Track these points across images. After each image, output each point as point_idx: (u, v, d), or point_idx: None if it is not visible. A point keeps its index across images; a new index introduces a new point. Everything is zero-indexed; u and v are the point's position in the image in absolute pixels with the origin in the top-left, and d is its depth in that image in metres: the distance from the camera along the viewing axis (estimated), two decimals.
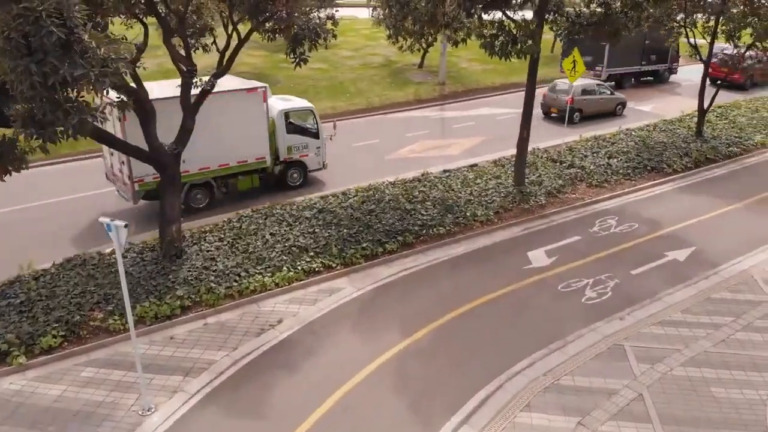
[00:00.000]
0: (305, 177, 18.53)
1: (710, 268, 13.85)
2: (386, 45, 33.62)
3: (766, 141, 23.08)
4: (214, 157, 15.83)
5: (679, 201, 17.84)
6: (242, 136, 16.15)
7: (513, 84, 32.45)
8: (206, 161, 15.74)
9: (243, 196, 17.21)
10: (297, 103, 18.42)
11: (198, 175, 15.80)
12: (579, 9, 16.91)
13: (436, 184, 18.12)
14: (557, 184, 18.21)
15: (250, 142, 16.42)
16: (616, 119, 26.84)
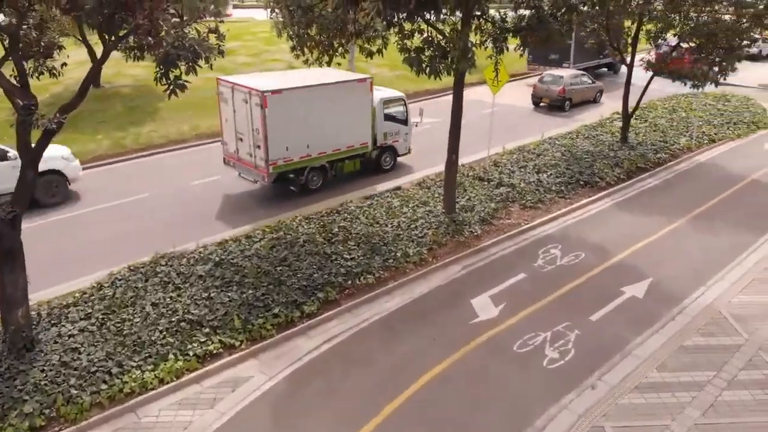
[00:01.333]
0: (395, 161, 19.77)
1: (674, 305, 12.29)
2: (288, 49, 30.72)
3: (690, 144, 22.45)
4: (329, 142, 17.01)
5: (620, 220, 16.40)
6: (351, 123, 17.47)
7: (427, 91, 30.57)
8: (323, 147, 17.03)
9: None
10: (391, 93, 19.95)
11: (316, 159, 17.06)
12: (505, 13, 14.96)
13: (358, 215, 15.64)
14: (490, 209, 16.25)
15: (357, 128, 17.72)
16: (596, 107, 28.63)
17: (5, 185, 13.98)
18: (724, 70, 18.72)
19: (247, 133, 16.12)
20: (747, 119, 25.80)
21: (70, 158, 17.12)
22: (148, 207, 16.80)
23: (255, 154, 16.13)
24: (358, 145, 18.02)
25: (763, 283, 13.12)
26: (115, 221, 15.79)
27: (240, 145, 16.63)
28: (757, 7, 17.82)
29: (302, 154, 16.53)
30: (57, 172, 16.61)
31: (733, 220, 16.37)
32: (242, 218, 15.97)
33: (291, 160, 16.39)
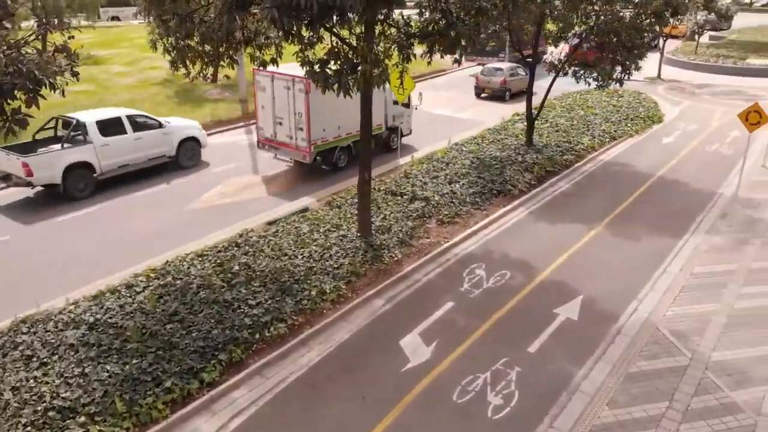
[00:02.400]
0: (400, 141, 21.62)
1: (610, 324, 11.56)
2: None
3: (593, 143, 22.43)
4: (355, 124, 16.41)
5: (539, 231, 15.68)
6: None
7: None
8: (351, 128, 18.59)
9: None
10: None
11: (344, 139, 19.07)
12: (408, 17, 13.67)
13: (262, 247, 13.78)
14: (407, 228, 14.97)
15: (375, 112, 17.28)
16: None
17: (160, 149, 19.19)
18: (628, 69, 18.61)
19: (287, 118, 18.24)
20: (642, 114, 26.42)
21: (201, 128, 21.01)
22: (11, 252, 14.03)
23: (296, 136, 18.21)
24: (375, 126, 18.78)
25: (692, 290, 12.75)
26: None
27: (278, 129, 18.73)
28: (656, 4, 17.77)
29: (335, 135, 18.73)
30: (194, 139, 20.27)
31: (649, 223, 16.16)
32: (121, 261, 13.62)
33: (326, 140, 18.61)
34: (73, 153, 17.06)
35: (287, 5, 8.33)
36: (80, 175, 17.28)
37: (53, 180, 16.81)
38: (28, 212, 16.56)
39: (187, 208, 16.91)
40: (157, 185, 18.64)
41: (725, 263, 13.91)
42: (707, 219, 16.45)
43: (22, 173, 16.21)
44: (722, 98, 31.54)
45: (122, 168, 18.36)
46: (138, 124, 18.67)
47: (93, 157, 17.49)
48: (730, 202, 17.52)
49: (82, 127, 17.49)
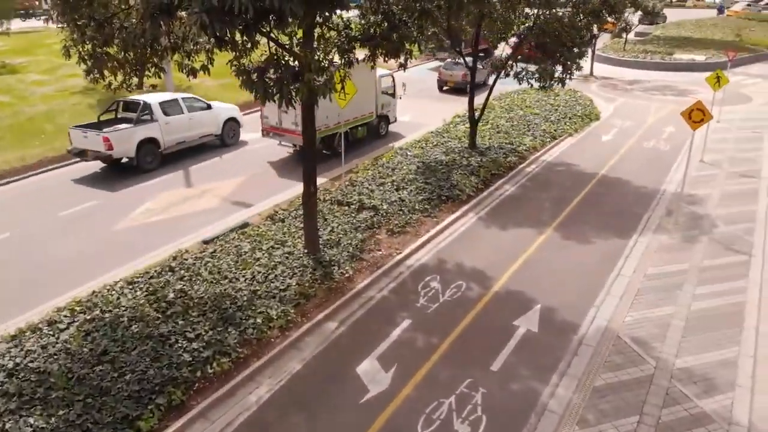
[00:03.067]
0: (387, 128, 24.05)
1: (571, 335, 11.23)
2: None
3: (535, 144, 22.36)
4: (352, 112, 20.63)
5: (490, 237, 15.29)
6: (366, 96, 21.08)
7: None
8: (349, 115, 20.53)
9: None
10: (383, 70, 22.33)
11: (343, 126, 20.19)
12: (348, 20, 12.94)
13: (199, 270, 12.73)
14: (357, 240, 14.24)
15: (368, 101, 21.72)
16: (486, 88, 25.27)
17: (209, 128, 21.73)
18: (570, 68, 18.53)
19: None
20: (580, 112, 26.66)
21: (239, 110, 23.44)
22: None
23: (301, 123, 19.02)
24: (368, 114, 22.22)
25: (648, 293, 12.61)
26: None
27: (284, 117, 20.11)
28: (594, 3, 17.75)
29: (335, 122, 19.98)
30: (235, 119, 22.72)
31: (597, 223, 16.07)
32: (40, 292, 12.26)
33: (329, 126, 20.11)
34: (144, 130, 19.35)
35: (219, 9, 7.43)
36: (149, 149, 19.58)
37: (129, 153, 19.07)
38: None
39: (114, 229, 15.57)
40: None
41: (677, 263, 13.90)
42: (653, 217, 16.52)
43: (103, 147, 18.33)
44: (654, 94, 32.44)
45: (179, 144, 20.68)
46: (191, 106, 21.01)
47: (159, 133, 19.79)
48: (674, 199, 17.71)
49: (148, 108, 19.64)
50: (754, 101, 30.39)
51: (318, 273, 12.64)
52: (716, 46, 44.67)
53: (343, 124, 20.21)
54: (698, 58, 40.53)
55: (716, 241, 14.99)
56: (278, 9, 7.54)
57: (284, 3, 7.49)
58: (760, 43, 46.51)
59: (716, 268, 13.63)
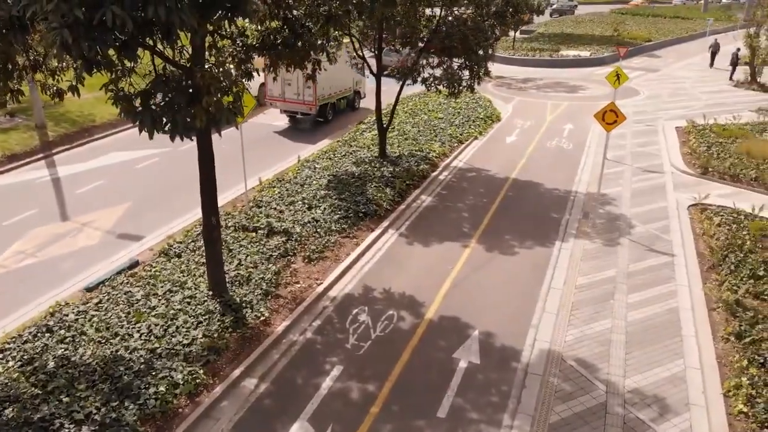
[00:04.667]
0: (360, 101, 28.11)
1: (514, 362, 10.42)
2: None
3: (444, 150, 21.70)
4: (339, 86, 25.61)
5: (414, 255, 14.29)
6: (347, 73, 25.86)
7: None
8: (337, 89, 25.42)
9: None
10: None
11: (333, 97, 25.32)
12: (244, 27, 11.40)
13: (83, 327, 10.69)
14: (270, 273, 12.69)
15: (347, 79, 26.48)
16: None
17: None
18: (478, 73, 17.93)
19: (295, 80, 23.28)
20: (482, 114, 26.43)
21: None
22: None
23: (304, 93, 23.80)
24: (347, 89, 26.37)
25: (582, 306, 12.11)
26: None
27: (287, 89, 24.02)
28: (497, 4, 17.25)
29: (329, 93, 24.51)
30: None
31: (518, 231, 15.55)
32: None
33: (324, 96, 24.39)
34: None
35: (86, 24, 5.71)
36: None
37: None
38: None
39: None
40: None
41: (604, 270, 13.59)
42: (571, 221, 16.27)
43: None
44: (547, 91, 33.07)
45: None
46: None
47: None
48: (587, 200, 17.63)
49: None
50: (641, 94, 31.78)
51: (228, 319, 10.99)
52: (598, 42, 46.81)
53: (334, 95, 25.37)
54: (583, 54, 42.14)
55: (636, 242, 14.91)
56: (164, 20, 5.94)
57: (172, 13, 5.91)
58: (638, 37, 49.32)
59: (643, 273, 13.44)
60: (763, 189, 18.05)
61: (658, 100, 30.73)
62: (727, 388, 9.62)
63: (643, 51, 46.58)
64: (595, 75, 37.51)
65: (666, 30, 56.03)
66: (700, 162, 19.98)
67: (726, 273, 12.92)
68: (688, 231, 15.45)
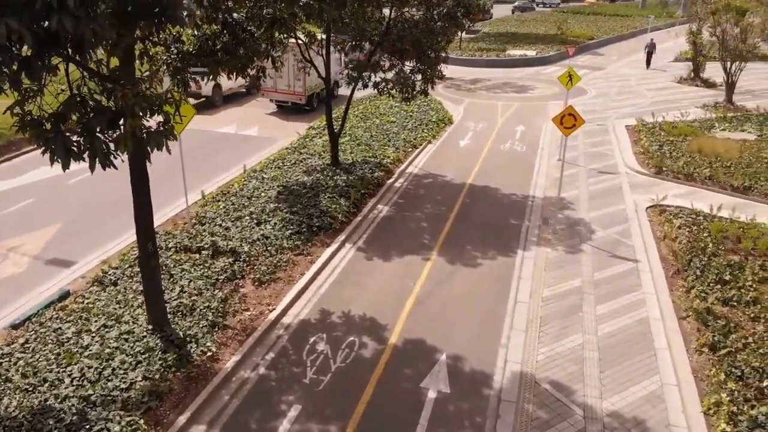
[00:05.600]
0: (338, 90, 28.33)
1: (485, 388, 9.76)
2: None
3: (398, 155, 20.98)
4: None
5: (374, 271, 13.49)
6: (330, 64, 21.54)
7: None
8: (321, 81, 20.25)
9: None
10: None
11: (317, 88, 26.69)
12: (179, 33, 10.33)
13: (7, 373, 9.46)
14: (216, 301, 11.63)
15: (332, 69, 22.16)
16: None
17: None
18: (431, 77, 17.27)
19: (286, 74, 25.44)
20: (434, 118, 25.85)
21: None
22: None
23: (294, 86, 26.36)
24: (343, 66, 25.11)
25: (551, 321, 11.58)
26: None
27: (279, 81, 26.31)
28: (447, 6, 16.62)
29: (315, 84, 25.80)
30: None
31: (479, 240, 14.99)
32: None
33: (311, 88, 26.67)
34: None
35: None
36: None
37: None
38: None
39: None
40: None
41: (569, 279, 13.14)
42: (531, 228, 15.82)
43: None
44: (497, 92, 32.85)
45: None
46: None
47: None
48: (545, 204, 17.25)
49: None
50: (589, 93, 31.93)
51: (170, 357, 9.90)
52: (542, 41, 47.15)
53: (318, 86, 26.26)
54: (530, 53, 42.29)
55: (599, 248, 14.55)
56: (73, 33, 4.90)
57: (81, 24, 4.87)
58: (581, 35, 49.97)
59: (608, 281, 13.05)
60: (717, 187, 18.07)
61: (606, 98, 30.92)
62: (707, 405, 9.21)
63: (587, 49, 47.20)
64: (542, 74, 37.65)
65: (607, 28, 57.13)
66: (654, 162, 19.93)
67: (692, 279, 12.65)
68: (649, 235, 15.21)
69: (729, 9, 26.46)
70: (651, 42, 39.31)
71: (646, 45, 39.77)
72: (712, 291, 12.10)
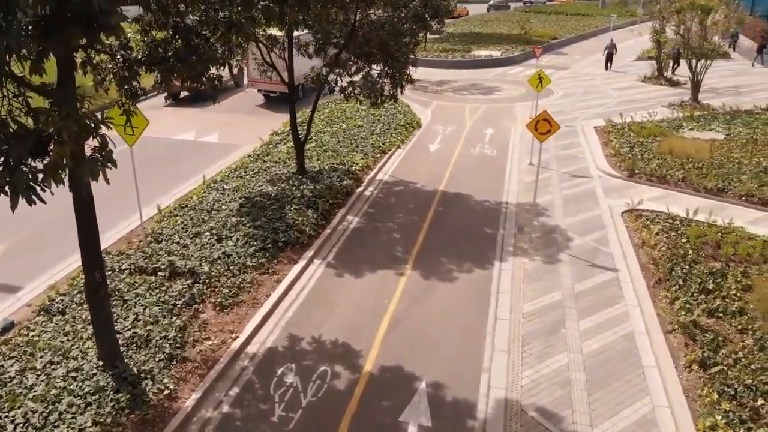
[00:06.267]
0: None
1: (470, 421, 9.09)
2: None
3: (367, 161, 20.21)
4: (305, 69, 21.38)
5: (345, 290, 12.72)
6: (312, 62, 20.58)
7: None
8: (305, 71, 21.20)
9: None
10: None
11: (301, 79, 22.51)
12: (126, 39, 9.36)
13: None
14: (174, 329, 10.70)
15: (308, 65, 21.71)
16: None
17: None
18: (400, 81, 16.57)
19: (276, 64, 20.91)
20: (402, 121, 25.15)
21: None
22: None
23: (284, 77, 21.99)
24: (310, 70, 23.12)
25: (533, 339, 11.00)
26: None
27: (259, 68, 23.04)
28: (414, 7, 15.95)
29: (302, 76, 22.06)
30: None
31: (454, 251, 14.37)
32: None
33: (298, 79, 21.49)
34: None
35: None
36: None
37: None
38: None
39: None
40: None
41: (549, 292, 12.59)
42: (507, 236, 15.28)
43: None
44: (464, 94, 32.36)
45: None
46: None
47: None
48: (519, 211, 16.74)
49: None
50: (555, 94, 31.67)
51: (123, 397, 8.93)
52: (507, 41, 46.99)
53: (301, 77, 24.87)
54: (495, 54, 41.99)
55: (577, 257, 14.07)
56: None
57: None
58: (544, 35, 50.00)
59: (590, 293, 12.55)
60: (691, 189, 17.84)
61: (573, 98, 30.74)
62: (702, 428, 8.73)
63: (551, 49, 47.20)
64: (508, 75, 37.36)
65: (570, 27, 57.43)
66: (626, 164, 19.64)
67: (675, 289, 12.24)
68: (627, 242, 14.80)
69: (694, 7, 26.46)
70: (611, 43, 37.83)
71: (605, 46, 38.28)
72: (696, 302, 11.69)
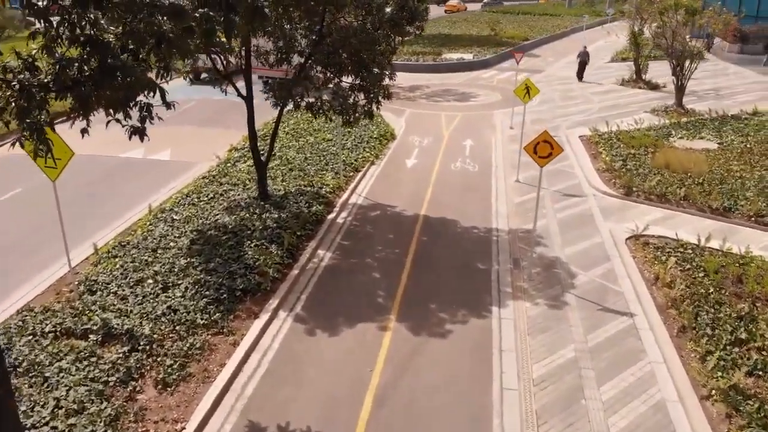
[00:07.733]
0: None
1: None
2: None
3: (339, 182, 18.07)
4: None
5: (318, 352, 10.59)
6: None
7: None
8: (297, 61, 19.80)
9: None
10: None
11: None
12: (32, 58, 7.09)
13: None
14: (103, 420, 8.44)
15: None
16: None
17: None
18: (376, 96, 14.53)
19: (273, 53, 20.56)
20: (375, 133, 23.06)
21: None
22: None
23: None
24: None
25: (549, 416, 9.08)
26: None
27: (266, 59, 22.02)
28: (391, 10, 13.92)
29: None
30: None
31: (445, 295, 12.41)
32: None
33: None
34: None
35: None
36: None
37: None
38: None
39: None
40: None
41: (559, 348, 10.70)
42: (502, 273, 13.38)
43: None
44: (438, 101, 30.54)
45: None
46: None
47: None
48: (512, 239, 14.89)
49: None
50: (533, 99, 29.92)
51: None
52: (477, 43, 45.41)
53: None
54: (467, 57, 40.32)
55: (584, 299, 12.24)
56: None
57: None
58: (515, 36, 48.58)
59: (606, 347, 10.70)
60: (695, 209, 16.27)
61: (552, 104, 29.20)
62: None
63: (522, 51, 45.67)
64: (482, 79, 35.75)
65: (539, 28, 56.32)
66: (622, 181, 17.98)
67: (704, 341, 10.47)
68: (637, 277, 13.04)
69: (679, 7, 25.10)
70: (584, 50, 34.04)
71: (578, 53, 34.57)
72: (731, 357, 9.96)
